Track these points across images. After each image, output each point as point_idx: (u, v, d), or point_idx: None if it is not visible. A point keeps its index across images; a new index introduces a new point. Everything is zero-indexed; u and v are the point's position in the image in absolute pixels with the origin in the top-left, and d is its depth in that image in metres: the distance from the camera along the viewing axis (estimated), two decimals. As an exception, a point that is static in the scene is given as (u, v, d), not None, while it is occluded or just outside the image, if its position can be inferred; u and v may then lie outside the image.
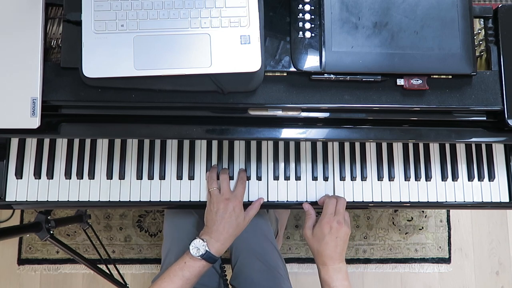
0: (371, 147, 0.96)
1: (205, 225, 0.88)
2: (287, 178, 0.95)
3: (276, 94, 0.79)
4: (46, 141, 0.92)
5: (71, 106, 0.81)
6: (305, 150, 0.96)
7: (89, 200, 0.92)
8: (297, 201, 0.94)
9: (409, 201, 0.95)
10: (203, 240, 0.84)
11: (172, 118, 0.84)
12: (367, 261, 1.70)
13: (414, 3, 0.80)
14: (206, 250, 0.83)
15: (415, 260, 1.71)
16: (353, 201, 0.95)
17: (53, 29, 0.81)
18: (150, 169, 0.93)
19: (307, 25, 0.79)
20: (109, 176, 0.92)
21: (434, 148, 0.97)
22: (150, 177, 0.93)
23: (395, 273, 1.70)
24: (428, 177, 0.95)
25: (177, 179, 0.93)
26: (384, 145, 0.96)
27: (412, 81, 0.80)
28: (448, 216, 1.74)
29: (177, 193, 0.93)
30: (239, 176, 0.93)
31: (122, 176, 0.92)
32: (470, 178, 0.96)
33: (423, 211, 1.73)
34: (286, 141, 0.95)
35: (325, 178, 0.95)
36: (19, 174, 0.91)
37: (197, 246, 0.84)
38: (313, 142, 0.96)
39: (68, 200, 0.91)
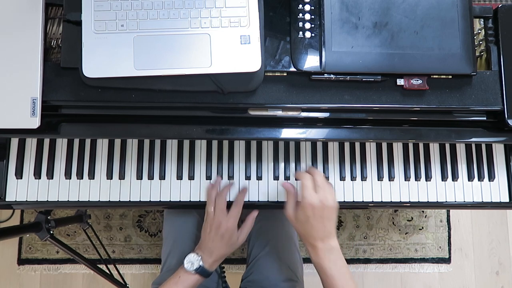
0: (371, 147, 0.96)
1: (201, 238, 0.89)
2: (287, 178, 0.94)
3: (276, 94, 0.79)
4: (46, 141, 0.92)
5: (71, 106, 0.81)
6: (305, 150, 0.96)
7: (89, 200, 0.92)
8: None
9: (409, 201, 0.95)
10: (197, 254, 0.86)
11: (172, 118, 0.84)
12: (367, 261, 1.70)
13: (414, 3, 0.80)
14: (200, 265, 0.85)
15: (415, 260, 1.71)
16: (353, 201, 0.95)
17: (53, 29, 0.81)
18: (150, 169, 0.93)
19: (307, 25, 0.79)
20: (109, 176, 0.92)
21: (434, 148, 0.97)
22: (150, 177, 0.93)
23: (395, 273, 1.70)
24: (428, 177, 0.95)
25: (177, 179, 0.93)
26: (384, 145, 0.96)
27: (412, 81, 0.80)
28: (448, 216, 1.74)
29: (177, 193, 0.93)
30: (237, 198, 0.90)
31: (122, 176, 0.92)
32: (470, 178, 0.96)
33: (423, 211, 1.73)
34: (286, 141, 0.95)
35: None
36: (19, 174, 0.91)
37: (192, 261, 0.85)
38: (313, 142, 0.96)
39: (68, 200, 0.91)
